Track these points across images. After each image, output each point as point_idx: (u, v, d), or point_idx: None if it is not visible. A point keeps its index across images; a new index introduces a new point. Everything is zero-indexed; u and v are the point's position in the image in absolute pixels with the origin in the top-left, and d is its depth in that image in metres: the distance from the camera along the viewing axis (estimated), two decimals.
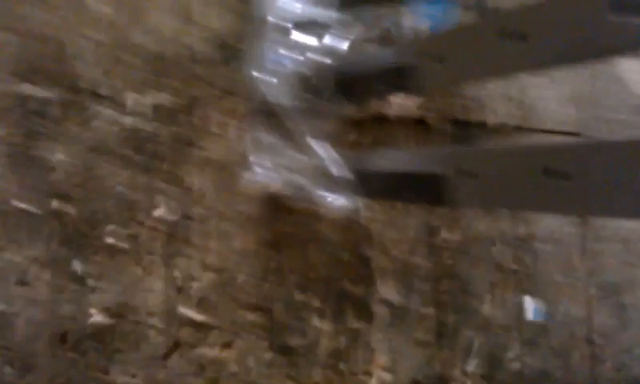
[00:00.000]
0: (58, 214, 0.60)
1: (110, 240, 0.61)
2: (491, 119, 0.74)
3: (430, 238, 0.69)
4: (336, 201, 0.60)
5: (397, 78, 0.53)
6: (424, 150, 0.56)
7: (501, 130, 0.74)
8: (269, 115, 0.61)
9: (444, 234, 0.69)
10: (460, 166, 0.49)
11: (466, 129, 0.73)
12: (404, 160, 0.55)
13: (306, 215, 0.63)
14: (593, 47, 0.40)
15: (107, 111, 0.62)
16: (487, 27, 0.43)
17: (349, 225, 0.66)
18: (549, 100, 0.76)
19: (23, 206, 0.60)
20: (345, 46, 0.62)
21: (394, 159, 0.57)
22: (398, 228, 0.69)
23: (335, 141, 0.66)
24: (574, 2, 0.41)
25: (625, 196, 0.37)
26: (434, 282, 0.67)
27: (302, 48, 0.62)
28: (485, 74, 0.50)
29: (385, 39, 0.67)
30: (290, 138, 0.61)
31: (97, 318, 0.60)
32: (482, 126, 0.73)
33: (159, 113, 0.63)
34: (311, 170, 0.60)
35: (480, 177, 0.47)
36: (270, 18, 0.62)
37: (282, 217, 0.65)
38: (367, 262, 0.66)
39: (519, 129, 0.75)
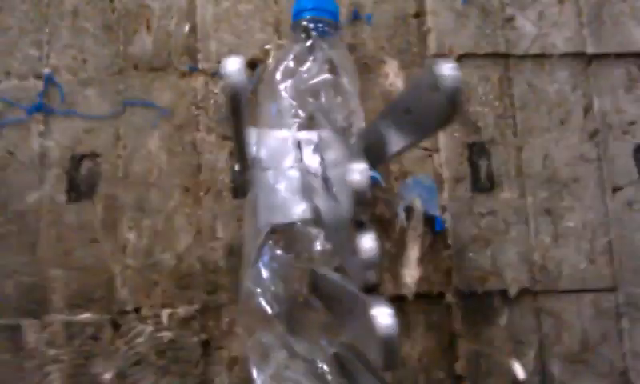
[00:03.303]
0: None
1: None
2: (512, 287, 0.74)
3: None
4: None
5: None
6: None
7: (522, 296, 0.74)
8: (265, 319, 0.68)
9: None
10: None
11: (483, 300, 0.74)
12: None
13: None
14: None
15: (148, 328, 0.73)
16: None
17: None
18: (574, 259, 0.75)
19: None
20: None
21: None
22: None
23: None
24: None
25: None
26: None
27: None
28: None
29: None
30: (286, 341, 0.67)
31: None
32: (502, 294, 0.74)
33: (189, 323, 0.73)
34: (308, 371, 0.66)
35: None
36: (263, 228, 0.70)
37: None
38: None
39: (546, 292, 0.75)
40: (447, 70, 0.37)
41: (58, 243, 0.76)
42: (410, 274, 0.74)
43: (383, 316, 0.39)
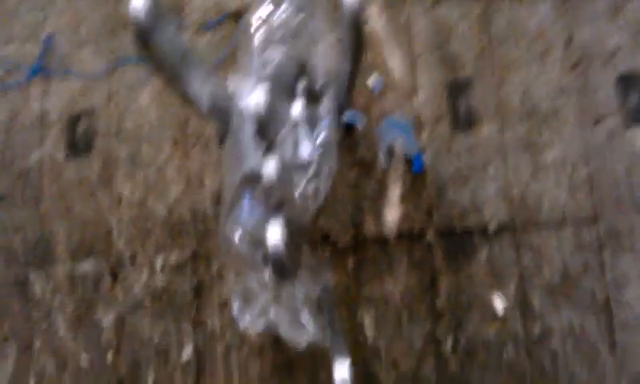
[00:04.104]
0: (112, 366, 0.76)
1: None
2: (492, 223, 0.75)
3: (437, 347, 0.73)
4: (310, 334, 0.67)
5: None
6: None
7: (502, 232, 0.75)
8: (248, 264, 0.71)
9: (450, 343, 0.72)
10: None
11: (463, 237, 0.75)
12: None
13: None
14: None
15: (143, 275, 0.78)
16: None
17: (355, 344, 0.73)
18: (554, 192, 0.75)
19: (86, 364, 0.77)
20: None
21: None
22: (404, 340, 0.74)
23: (329, 271, 0.74)
24: None
25: None
26: None
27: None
28: None
29: None
30: (270, 284, 0.70)
31: None
32: (482, 231, 0.75)
33: (182, 270, 0.77)
34: (287, 309, 0.69)
35: None
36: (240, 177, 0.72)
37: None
38: (375, 378, 0.72)
39: (525, 227, 0.75)
40: None
41: (59, 199, 0.80)
42: (392, 214, 0.76)
43: (272, 234, 0.42)
